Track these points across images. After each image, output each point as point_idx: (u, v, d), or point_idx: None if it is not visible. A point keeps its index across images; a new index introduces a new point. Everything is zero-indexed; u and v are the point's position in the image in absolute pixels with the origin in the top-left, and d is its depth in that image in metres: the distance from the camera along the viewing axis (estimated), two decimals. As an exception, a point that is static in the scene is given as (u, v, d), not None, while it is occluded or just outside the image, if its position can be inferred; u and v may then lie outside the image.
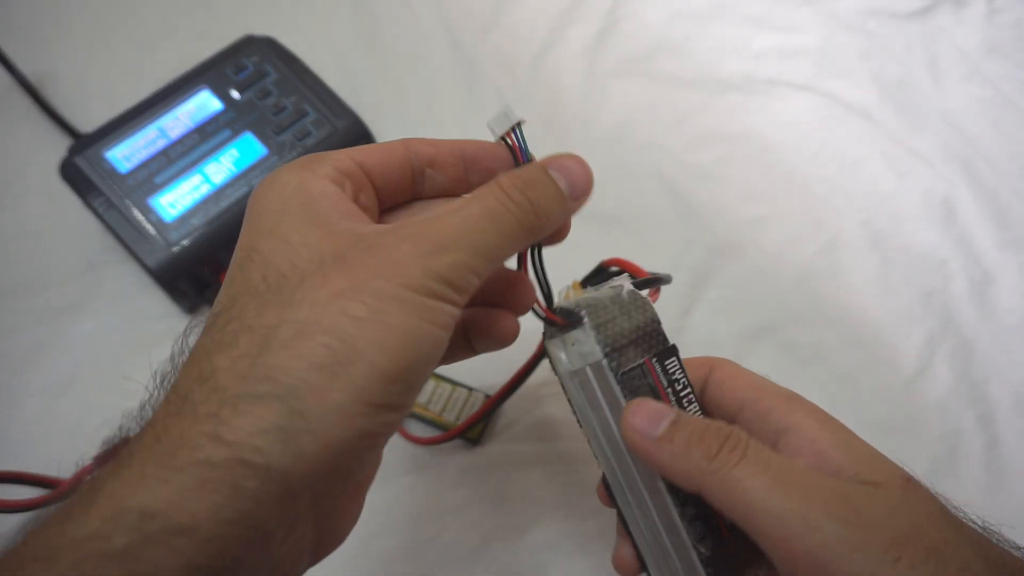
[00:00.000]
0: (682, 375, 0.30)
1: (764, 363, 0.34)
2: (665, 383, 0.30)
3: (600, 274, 0.35)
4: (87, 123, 0.53)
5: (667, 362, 0.30)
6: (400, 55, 0.60)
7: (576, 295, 0.30)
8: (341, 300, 0.22)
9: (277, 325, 0.22)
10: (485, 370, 0.43)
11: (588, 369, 0.29)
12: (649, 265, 0.50)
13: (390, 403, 0.22)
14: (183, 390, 0.22)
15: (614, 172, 0.55)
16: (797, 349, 0.48)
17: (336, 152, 0.27)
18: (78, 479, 0.38)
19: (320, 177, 0.26)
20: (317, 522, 0.23)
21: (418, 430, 0.45)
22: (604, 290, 0.31)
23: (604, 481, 0.32)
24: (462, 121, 0.57)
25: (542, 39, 0.61)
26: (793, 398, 0.30)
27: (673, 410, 0.28)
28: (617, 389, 0.29)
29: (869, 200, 0.54)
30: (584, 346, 0.29)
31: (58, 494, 0.26)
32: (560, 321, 0.29)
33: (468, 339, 0.30)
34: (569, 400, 0.31)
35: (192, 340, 0.24)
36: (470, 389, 0.46)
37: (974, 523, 0.27)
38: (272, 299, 0.23)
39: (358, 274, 0.22)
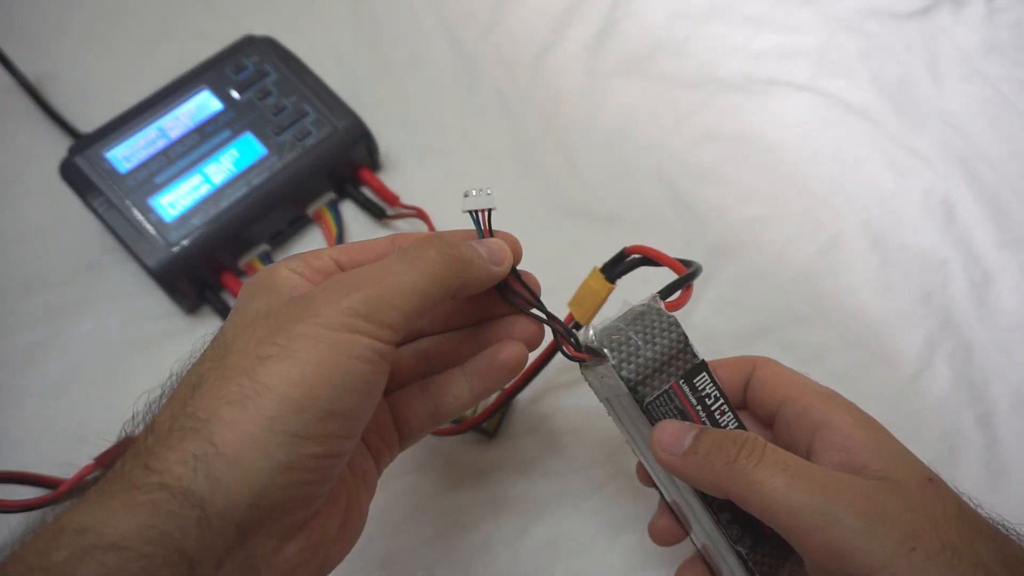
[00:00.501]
0: (713, 388, 0.31)
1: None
2: (694, 402, 0.31)
3: (621, 260, 0.35)
4: (87, 123, 0.53)
5: (696, 380, 0.31)
6: (400, 55, 0.60)
7: (597, 328, 0.31)
8: (259, 346, 0.24)
9: (207, 373, 0.25)
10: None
11: (618, 399, 0.31)
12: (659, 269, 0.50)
13: (310, 433, 0.23)
14: (136, 440, 0.25)
15: (614, 172, 0.55)
16: (797, 349, 0.48)
17: (318, 251, 0.30)
18: (78, 479, 0.38)
19: (290, 270, 0.28)
20: (275, 556, 0.24)
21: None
22: (633, 309, 0.31)
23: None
24: (462, 121, 0.57)
25: (542, 39, 0.61)
26: (831, 396, 0.32)
27: (695, 426, 0.30)
28: (644, 419, 0.30)
29: (869, 200, 0.54)
30: (611, 380, 0.30)
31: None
32: (587, 357, 0.31)
33: (465, 376, 0.32)
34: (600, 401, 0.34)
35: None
36: None
37: (994, 521, 0.28)
38: (208, 358, 0.26)
39: (279, 322, 0.25)
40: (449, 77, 0.59)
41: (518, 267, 0.31)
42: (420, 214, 0.50)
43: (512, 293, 0.31)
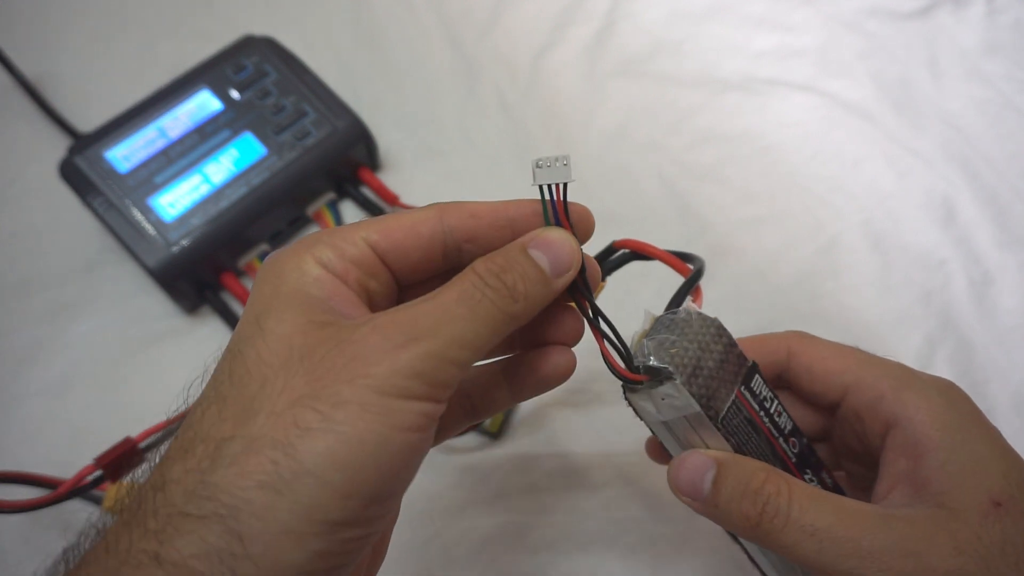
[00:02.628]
0: (766, 390, 0.29)
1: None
2: (758, 409, 0.29)
3: (610, 254, 0.33)
4: (87, 123, 0.53)
5: (752, 384, 0.29)
6: (400, 55, 0.60)
7: (646, 334, 0.28)
8: (296, 408, 0.20)
9: (230, 438, 0.21)
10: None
11: (684, 420, 0.28)
12: (649, 266, 0.50)
13: (352, 519, 0.20)
14: (141, 496, 0.21)
15: (614, 172, 0.55)
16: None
17: (349, 231, 0.24)
18: (78, 479, 0.38)
19: (320, 263, 0.24)
20: None
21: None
22: (669, 318, 0.28)
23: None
24: (462, 121, 0.57)
25: (542, 39, 0.60)
26: (903, 379, 0.29)
27: (711, 462, 0.27)
28: (718, 435, 0.28)
29: (869, 200, 0.54)
30: (677, 400, 0.27)
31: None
32: (645, 379, 0.27)
33: (509, 389, 0.28)
34: (648, 426, 0.30)
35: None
36: None
37: None
38: (231, 403, 0.21)
39: (321, 376, 0.21)
40: (449, 77, 0.59)
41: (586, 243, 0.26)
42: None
43: (573, 289, 0.26)
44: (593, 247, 0.35)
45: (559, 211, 0.25)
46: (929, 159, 0.55)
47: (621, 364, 0.27)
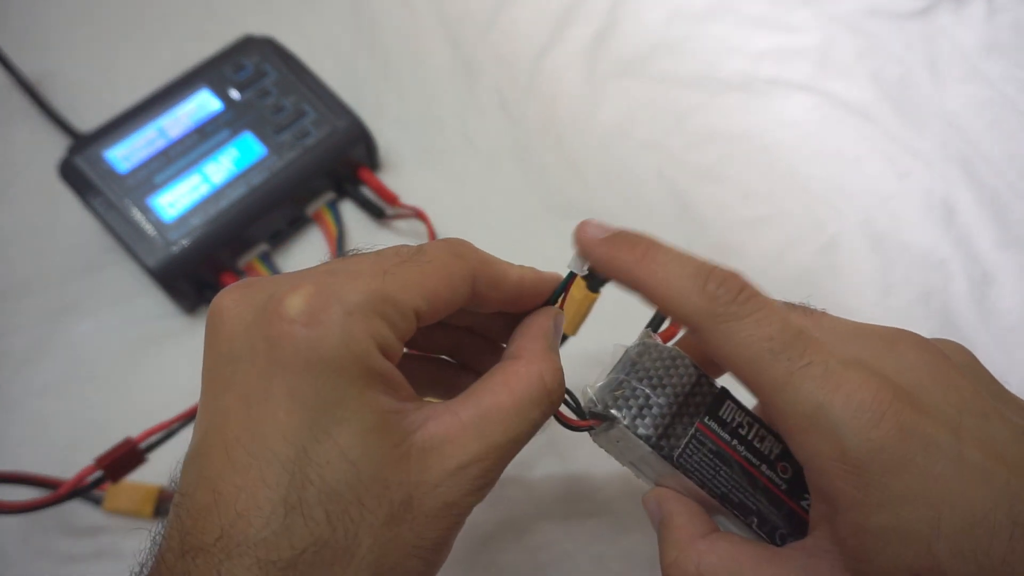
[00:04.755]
0: (742, 415, 0.28)
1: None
2: (728, 438, 0.27)
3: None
4: (86, 123, 0.53)
5: (721, 412, 0.27)
6: (400, 55, 0.60)
7: (595, 387, 0.28)
8: (407, 559, 0.21)
9: None
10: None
11: (643, 460, 0.28)
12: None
13: None
14: None
15: (614, 172, 0.55)
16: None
17: (399, 295, 0.22)
18: (79, 479, 0.38)
19: (381, 347, 0.21)
20: None
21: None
22: (627, 353, 0.28)
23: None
24: (462, 121, 0.57)
25: (542, 39, 0.60)
26: (811, 402, 0.22)
27: (659, 513, 0.28)
28: (679, 475, 0.27)
29: (869, 200, 0.54)
30: (628, 442, 0.27)
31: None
32: (595, 423, 0.28)
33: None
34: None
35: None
36: None
37: None
38: (342, 555, 0.20)
39: (421, 522, 0.21)
40: (449, 77, 0.59)
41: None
42: (419, 215, 0.50)
43: None
44: None
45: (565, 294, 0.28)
46: (929, 159, 0.55)
47: (570, 414, 0.27)
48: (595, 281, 0.32)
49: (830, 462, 0.21)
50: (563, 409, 0.27)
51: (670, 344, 0.29)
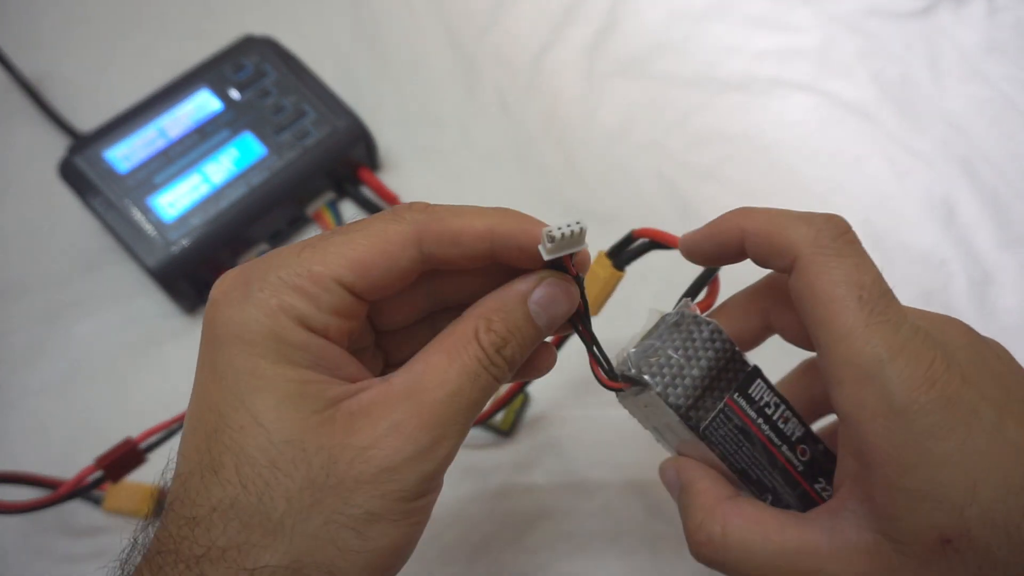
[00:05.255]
0: (771, 395, 0.28)
1: (764, 363, 0.34)
2: (755, 416, 0.28)
3: (628, 243, 0.32)
4: (86, 123, 0.53)
5: (751, 390, 0.28)
6: (400, 55, 0.60)
7: (647, 334, 0.28)
8: (331, 528, 0.20)
9: (267, 562, 0.20)
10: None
11: (668, 428, 0.28)
12: (649, 265, 0.50)
13: None
14: None
15: (614, 172, 0.55)
16: (798, 349, 0.48)
17: (316, 268, 0.22)
18: (79, 480, 0.38)
19: (298, 321, 0.22)
20: None
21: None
22: (665, 320, 0.28)
23: None
24: (462, 121, 0.57)
25: (542, 39, 0.60)
26: (852, 346, 0.22)
27: (677, 481, 0.28)
28: (703, 446, 0.27)
29: (869, 200, 0.53)
30: (657, 409, 0.27)
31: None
32: (624, 386, 0.28)
33: None
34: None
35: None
36: None
37: None
38: (257, 516, 0.20)
39: (349, 487, 0.21)
40: (449, 77, 0.59)
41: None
42: (420, 214, 0.50)
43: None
44: (596, 244, 0.35)
45: (565, 263, 0.25)
46: (929, 159, 0.55)
47: (603, 373, 0.27)
48: (620, 257, 0.31)
49: (875, 416, 0.22)
50: (599, 369, 0.27)
51: (706, 315, 0.29)
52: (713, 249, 0.28)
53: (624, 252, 0.32)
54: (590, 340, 0.27)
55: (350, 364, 0.23)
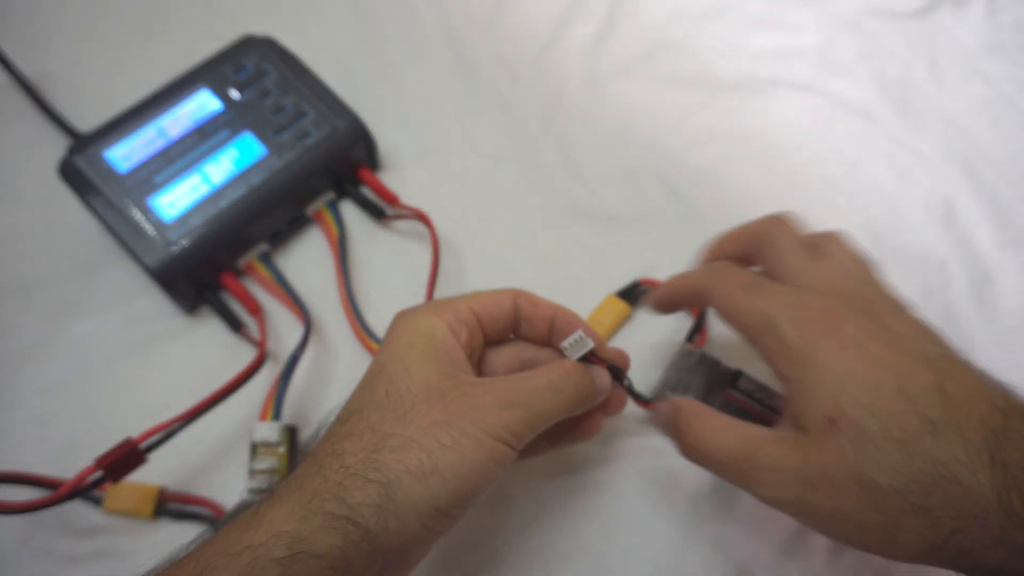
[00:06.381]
0: (754, 385, 0.41)
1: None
2: (748, 400, 0.41)
3: (635, 289, 0.48)
4: (86, 123, 0.53)
5: (739, 383, 0.42)
6: (400, 55, 0.60)
7: (656, 384, 0.44)
8: (436, 428, 0.30)
9: (391, 434, 0.30)
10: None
11: None
12: (649, 265, 0.50)
13: (450, 512, 0.30)
14: (318, 461, 0.30)
15: (614, 172, 0.55)
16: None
17: (460, 301, 0.35)
18: (79, 480, 0.38)
19: (444, 324, 0.34)
20: None
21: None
22: (675, 359, 0.44)
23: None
24: (462, 121, 0.57)
25: (542, 39, 0.60)
26: (763, 323, 0.35)
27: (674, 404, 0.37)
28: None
29: (869, 200, 0.54)
30: None
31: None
32: (654, 406, 0.38)
33: (548, 440, 0.38)
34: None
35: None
36: None
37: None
38: (390, 412, 0.31)
39: (452, 412, 0.30)
40: (449, 77, 0.59)
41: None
42: (421, 217, 0.50)
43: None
44: (600, 248, 0.45)
45: (596, 363, 0.35)
46: (929, 159, 0.55)
47: (640, 401, 0.39)
48: (629, 298, 0.48)
49: (775, 352, 0.33)
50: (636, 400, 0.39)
51: (701, 349, 0.44)
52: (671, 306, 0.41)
53: (631, 294, 0.48)
54: (629, 391, 0.38)
55: (466, 364, 0.34)
